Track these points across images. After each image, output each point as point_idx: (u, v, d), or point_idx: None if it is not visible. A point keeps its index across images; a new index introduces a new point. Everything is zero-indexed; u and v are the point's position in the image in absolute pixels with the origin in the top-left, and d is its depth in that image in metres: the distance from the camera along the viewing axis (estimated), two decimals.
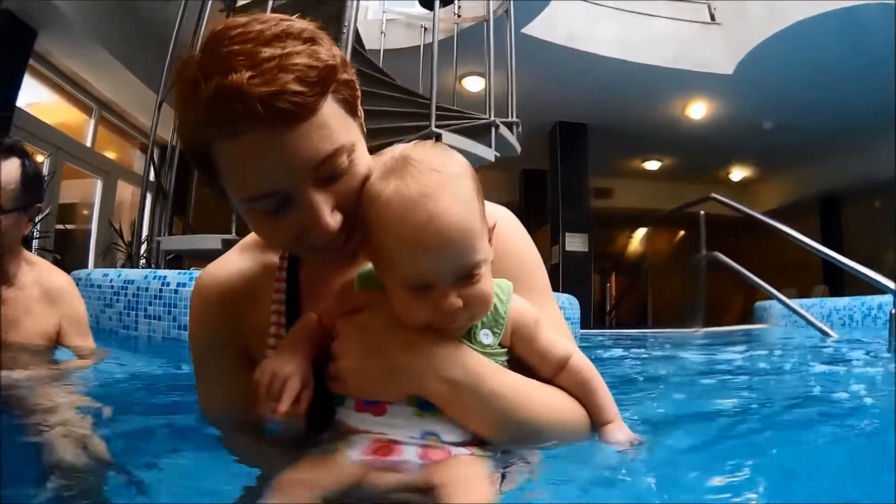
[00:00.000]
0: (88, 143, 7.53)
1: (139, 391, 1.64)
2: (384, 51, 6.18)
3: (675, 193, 9.75)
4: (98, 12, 6.11)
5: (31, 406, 1.25)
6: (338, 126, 0.79)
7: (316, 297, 0.93)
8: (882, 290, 3.09)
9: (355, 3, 4.06)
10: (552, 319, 0.94)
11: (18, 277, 1.88)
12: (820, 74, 7.23)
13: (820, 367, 2.43)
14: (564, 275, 8.88)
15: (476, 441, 0.79)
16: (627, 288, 9.93)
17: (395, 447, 0.74)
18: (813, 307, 5.27)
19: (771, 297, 4.71)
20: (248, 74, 0.71)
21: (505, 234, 0.95)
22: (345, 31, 4.03)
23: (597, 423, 0.86)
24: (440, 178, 0.75)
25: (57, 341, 1.93)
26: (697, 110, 8.63)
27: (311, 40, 0.77)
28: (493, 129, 4.30)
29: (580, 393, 0.86)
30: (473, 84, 7.57)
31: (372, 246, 0.79)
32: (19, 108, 5.76)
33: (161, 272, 2.72)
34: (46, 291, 1.92)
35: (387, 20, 6.76)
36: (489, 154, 4.22)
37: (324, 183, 0.79)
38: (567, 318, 3.41)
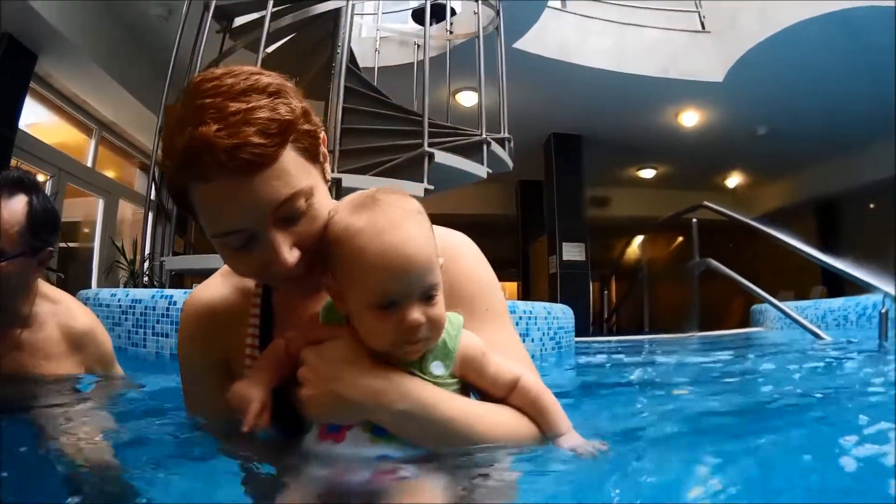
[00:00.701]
0: (89, 163, 7.65)
1: (152, 403, 1.70)
2: (378, 68, 6.24)
3: (672, 200, 9.79)
4: (97, 35, 6.23)
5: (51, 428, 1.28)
6: (296, 172, 0.88)
7: (287, 322, 1.04)
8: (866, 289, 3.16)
9: (349, 22, 4.15)
10: (506, 342, 1.02)
11: (36, 318, 1.73)
12: (810, 79, 7.30)
13: (794, 367, 2.48)
14: (562, 284, 8.93)
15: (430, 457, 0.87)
16: (626, 295, 9.98)
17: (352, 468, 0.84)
18: (808, 309, 5.27)
19: (763, 300, 4.76)
20: (215, 127, 0.80)
21: (462, 259, 1.05)
22: (339, 50, 4.11)
23: (551, 437, 0.93)
24: (405, 213, 0.86)
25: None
26: (689, 118, 8.69)
27: (276, 94, 0.87)
28: (486, 147, 4.38)
29: (532, 410, 0.93)
30: (467, 99, 7.62)
31: (340, 276, 0.88)
32: (21, 130, 5.86)
33: (168, 292, 2.81)
34: (70, 336, 1.77)
35: (380, 38, 6.83)
36: (482, 171, 4.31)
37: (284, 223, 0.88)
38: (561, 328, 3.50)
